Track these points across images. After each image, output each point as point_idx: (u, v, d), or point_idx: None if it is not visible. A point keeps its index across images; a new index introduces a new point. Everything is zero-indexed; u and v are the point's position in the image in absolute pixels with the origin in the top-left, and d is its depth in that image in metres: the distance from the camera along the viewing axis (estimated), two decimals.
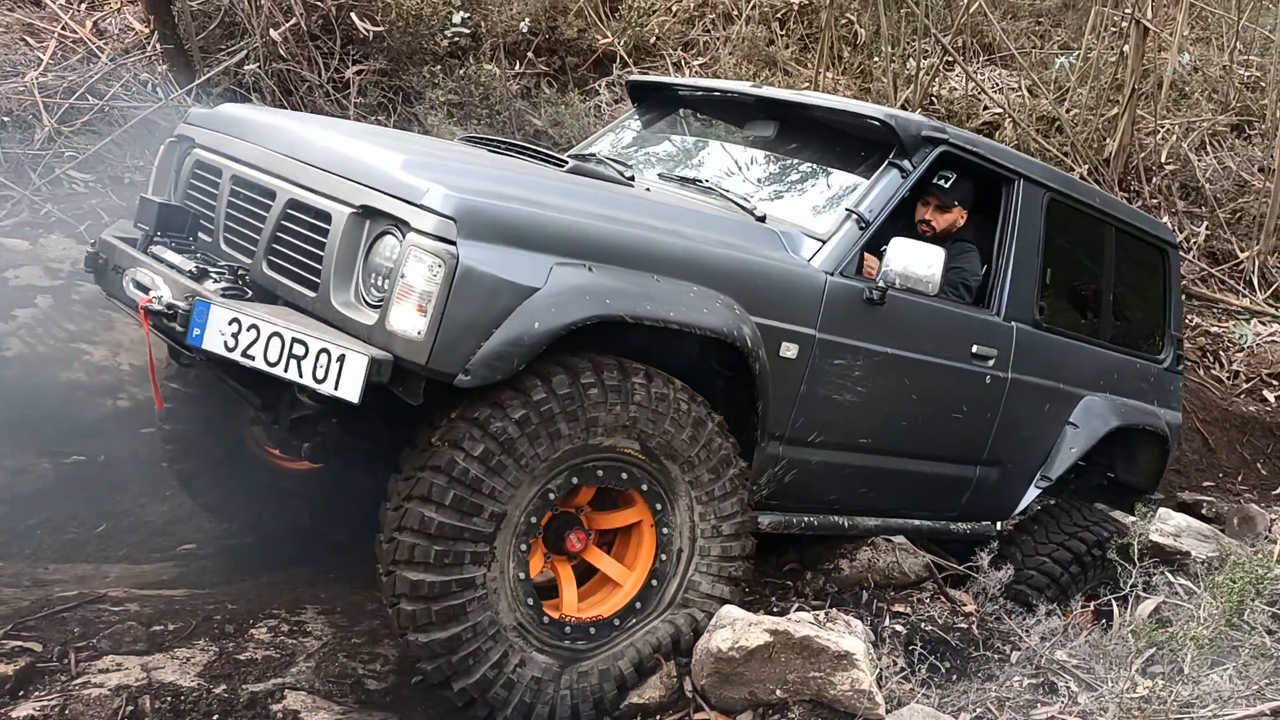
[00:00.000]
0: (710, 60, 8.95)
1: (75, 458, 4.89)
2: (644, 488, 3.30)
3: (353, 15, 7.24)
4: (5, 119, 6.06)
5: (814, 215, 3.90)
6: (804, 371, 3.59)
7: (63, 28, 6.84)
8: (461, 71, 7.48)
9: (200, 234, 3.54)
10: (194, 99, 6.38)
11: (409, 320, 2.78)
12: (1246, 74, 10.97)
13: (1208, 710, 2.85)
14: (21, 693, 3.07)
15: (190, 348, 2.97)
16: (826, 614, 3.39)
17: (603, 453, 3.16)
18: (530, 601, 3.11)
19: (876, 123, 3.96)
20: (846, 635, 3.23)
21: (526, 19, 8.05)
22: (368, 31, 7.20)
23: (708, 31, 9.29)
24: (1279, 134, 9.22)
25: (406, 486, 2.95)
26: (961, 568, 4.32)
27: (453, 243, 2.77)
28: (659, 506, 3.34)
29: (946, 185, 4.30)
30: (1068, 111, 9.56)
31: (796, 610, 3.61)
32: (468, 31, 7.72)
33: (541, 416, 2.97)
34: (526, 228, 2.94)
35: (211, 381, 3.86)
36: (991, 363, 4.22)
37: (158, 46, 6.72)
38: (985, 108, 9.57)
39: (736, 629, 3.18)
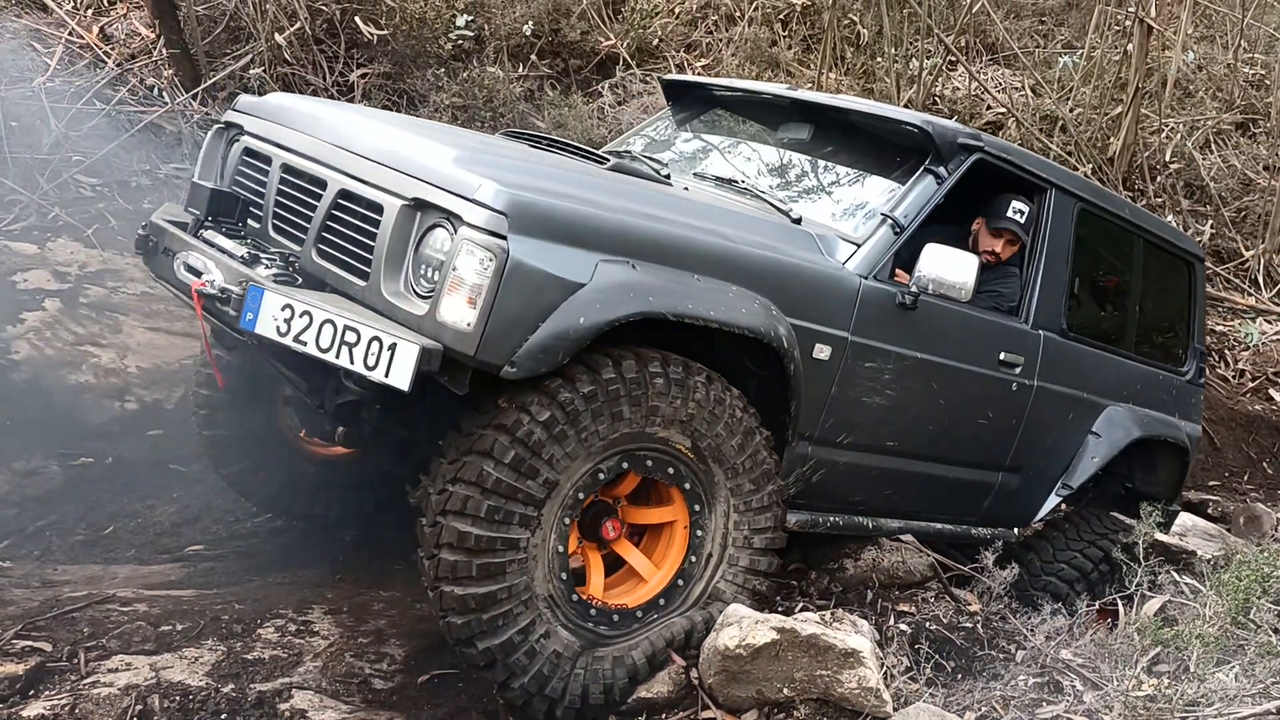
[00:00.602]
0: (713, 62, 8.96)
1: (83, 460, 4.92)
2: (686, 486, 3.36)
3: (357, 19, 7.27)
4: (13, 124, 6.10)
5: (848, 219, 3.93)
6: (836, 373, 3.62)
7: (69, 33, 6.88)
8: (465, 74, 7.50)
9: (248, 220, 3.59)
10: (199, 103, 6.42)
11: (459, 312, 2.84)
12: (1251, 72, 10.94)
13: (1213, 709, 2.85)
14: (32, 692, 3.09)
15: (242, 331, 3.02)
16: (832, 614, 3.38)
17: (656, 443, 3.23)
18: (564, 576, 3.15)
19: (913, 129, 3.97)
20: (853, 634, 3.23)
21: (530, 22, 8.07)
22: (372, 35, 7.23)
23: (710, 33, 9.30)
24: None
25: (468, 442, 3.00)
26: (966, 568, 4.32)
27: (504, 237, 2.83)
28: (697, 508, 3.39)
29: (1022, 220, 4.29)
30: (1071, 111, 9.54)
31: (801, 610, 3.61)
32: (471, 34, 7.75)
33: (608, 395, 3.05)
34: (574, 224, 2.99)
35: (251, 360, 3.90)
36: (1018, 370, 4.23)
37: (163, 51, 6.77)
38: (989, 107, 9.56)
39: (743, 627, 3.18)
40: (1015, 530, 4.68)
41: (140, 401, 5.26)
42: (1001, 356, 4.17)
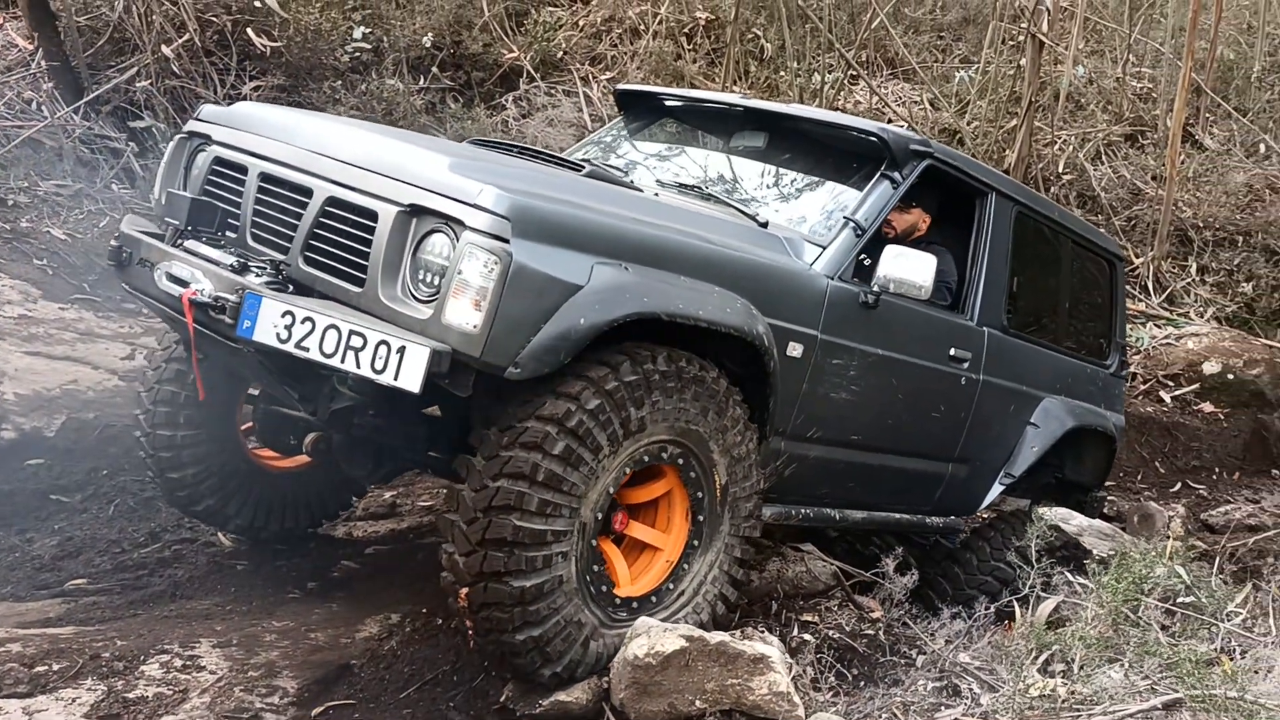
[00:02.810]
0: (618, 74, 8.98)
1: None
2: (700, 518, 3.48)
3: (249, 30, 7.10)
4: None
5: (810, 222, 4.06)
6: (807, 370, 3.75)
7: None
8: (364, 87, 7.39)
9: (226, 230, 3.54)
10: (82, 117, 6.19)
11: (465, 314, 2.90)
12: (1139, 85, 11.38)
13: (1100, 707, 2.91)
14: None
15: (238, 339, 3.04)
16: (742, 632, 3.44)
17: (707, 460, 3.42)
18: (599, 517, 3.22)
19: (870, 137, 4.13)
20: (760, 642, 3.27)
21: (430, 34, 7.98)
22: (265, 47, 7.07)
23: (615, 46, 9.32)
24: (1170, 143, 9.56)
25: (512, 435, 3.05)
26: (868, 575, 4.36)
27: (507, 241, 2.89)
28: (695, 544, 3.50)
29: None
30: (969, 124, 9.81)
31: None
32: (369, 46, 7.64)
33: (708, 391, 3.33)
34: (570, 228, 3.07)
35: (213, 372, 3.88)
36: (966, 365, 4.41)
37: (43, 63, 6.52)
38: (889, 120, 9.76)
39: (652, 636, 3.18)
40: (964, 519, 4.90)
41: (19, 430, 5.05)
42: (951, 352, 4.34)
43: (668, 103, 4.92)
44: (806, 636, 3.82)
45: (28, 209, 5.90)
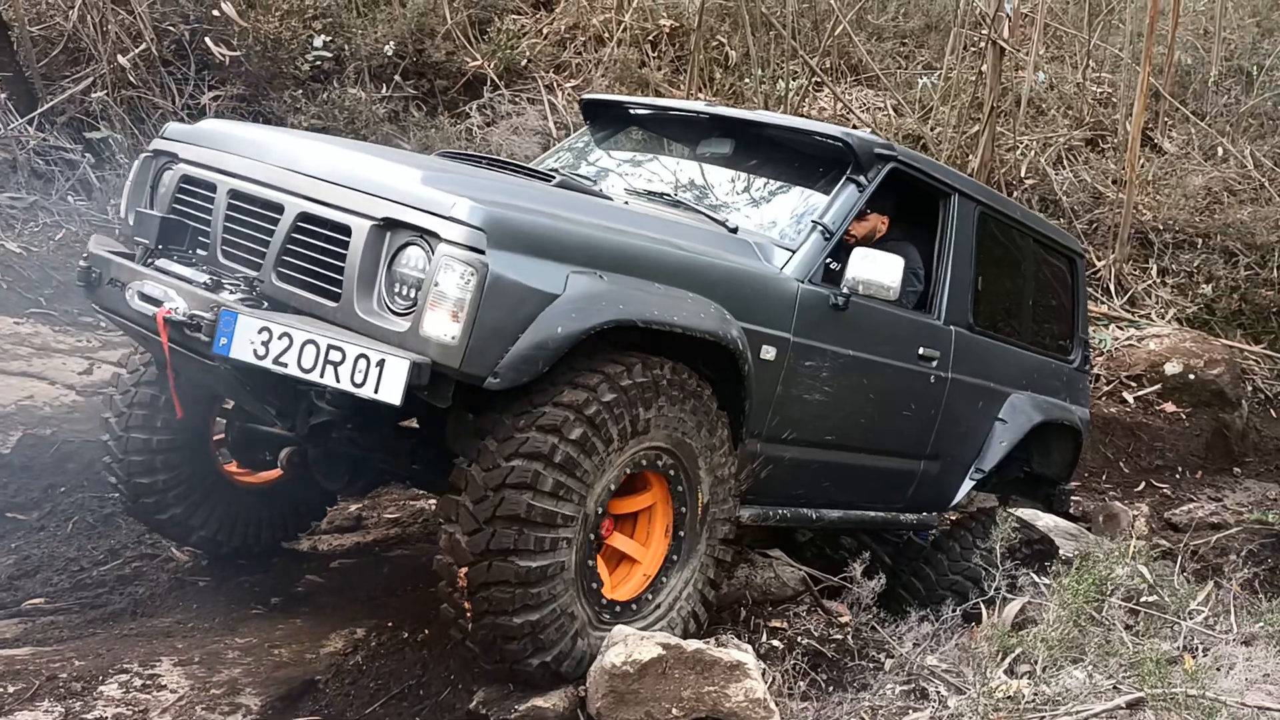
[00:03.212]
0: (583, 82, 8.98)
1: None
2: (680, 533, 3.52)
3: (207, 40, 7.02)
4: None
5: (779, 227, 4.12)
6: (780, 373, 3.80)
7: None
8: (325, 96, 7.34)
9: (197, 248, 3.54)
10: (36, 128, 6.09)
11: (443, 326, 2.92)
12: (1099, 90, 11.53)
13: (1064, 707, 2.92)
14: None
15: (215, 357, 3.04)
16: (717, 640, 3.45)
17: (694, 477, 3.48)
18: (600, 511, 3.26)
19: (835, 141, 4.20)
20: (735, 649, 3.28)
21: (391, 42, 7.94)
22: (224, 56, 7.00)
23: (579, 54, 9.32)
24: (1130, 147, 9.69)
25: (529, 419, 3.09)
26: (836, 579, 4.37)
27: (482, 252, 2.91)
28: (674, 559, 3.53)
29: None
30: (932, 129, 9.88)
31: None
32: (330, 55, 7.59)
33: (704, 407, 3.43)
34: (545, 238, 3.10)
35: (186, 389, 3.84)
36: (934, 364, 4.49)
37: None
38: (854, 126, 9.82)
39: (629, 644, 3.18)
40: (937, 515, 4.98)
41: None
42: (920, 351, 4.41)
43: (634, 111, 4.95)
44: (775, 643, 3.82)
45: None
